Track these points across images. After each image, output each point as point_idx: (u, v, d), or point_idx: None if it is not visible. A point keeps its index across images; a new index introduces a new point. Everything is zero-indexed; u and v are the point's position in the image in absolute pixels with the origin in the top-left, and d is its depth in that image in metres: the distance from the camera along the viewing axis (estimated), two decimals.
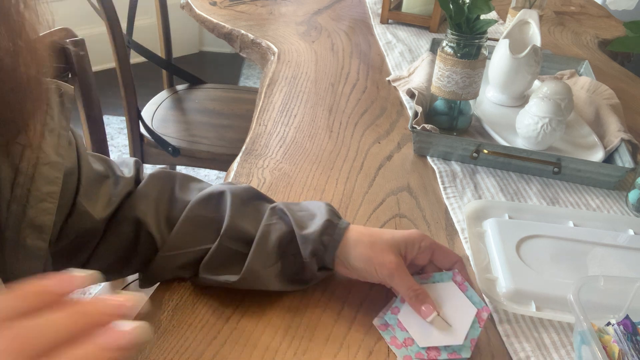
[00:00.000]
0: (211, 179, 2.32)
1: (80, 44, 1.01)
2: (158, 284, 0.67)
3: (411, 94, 1.07)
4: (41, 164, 0.50)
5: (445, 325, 0.60)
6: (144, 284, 0.68)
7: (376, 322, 0.63)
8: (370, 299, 0.65)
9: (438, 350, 0.59)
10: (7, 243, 0.48)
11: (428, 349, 0.59)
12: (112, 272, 0.68)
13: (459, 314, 0.61)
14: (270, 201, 0.69)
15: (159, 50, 1.84)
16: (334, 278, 0.67)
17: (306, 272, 0.64)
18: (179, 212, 0.66)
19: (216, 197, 0.67)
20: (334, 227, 0.64)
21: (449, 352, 0.58)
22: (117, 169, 0.67)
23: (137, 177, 0.69)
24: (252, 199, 0.68)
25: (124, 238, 0.65)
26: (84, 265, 0.64)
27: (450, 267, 0.64)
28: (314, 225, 0.64)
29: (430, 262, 0.64)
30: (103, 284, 1.18)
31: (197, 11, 1.53)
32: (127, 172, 0.68)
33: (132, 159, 0.70)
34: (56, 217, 0.52)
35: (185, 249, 0.64)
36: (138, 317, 0.63)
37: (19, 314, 0.28)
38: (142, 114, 1.67)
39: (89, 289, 1.80)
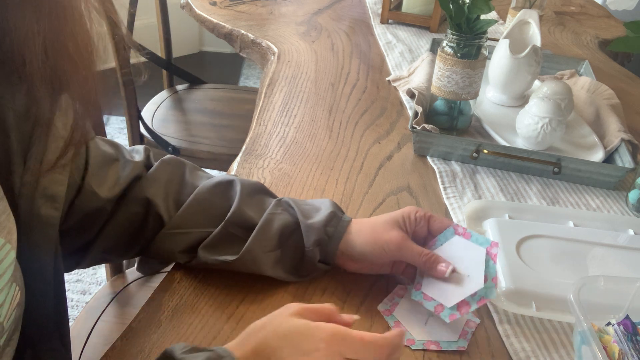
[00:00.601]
0: None
1: None
2: (156, 279, 0.67)
3: (411, 94, 1.07)
4: (52, 137, 0.51)
5: (463, 277, 0.62)
6: (142, 267, 0.69)
7: (380, 307, 0.65)
8: (370, 300, 0.66)
9: (467, 303, 0.60)
10: (22, 213, 0.49)
11: (458, 306, 0.60)
12: (116, 253, 0.69)
13: (473, 261, 0.62)
14: (277, 198, 0.71)
15: (159, 50, 1.84)
16: (333, 279, 0.67)
17: (306, 264, 0.66)
18: (188, 195, 0.68)
19: (225, 185, 0.69)
20: (338, 219, 0.66)
21: (477, 300, 0.60)
22: (127, 154, 0.69)
23: (147, 162, 0.71)
24: (259, 192, 0.70)
25: (133, 218, 0.66)
26: (90, 244, 0.65)
27: None
28: (319, 216, 0.66)
29: (429, 234, 0.67)
30: (103, 283, 1.18)
31: (197, 11, 1.53)
32: (138, 157, 0.70)
33: (142, 146, 0.73)
34: (65, 196, 0.53)
35: (188, 229, 0.66)
36: (137, 317, 0.63)
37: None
38: (142, 114, 1.67)
39: (89, 288, 1.80)
